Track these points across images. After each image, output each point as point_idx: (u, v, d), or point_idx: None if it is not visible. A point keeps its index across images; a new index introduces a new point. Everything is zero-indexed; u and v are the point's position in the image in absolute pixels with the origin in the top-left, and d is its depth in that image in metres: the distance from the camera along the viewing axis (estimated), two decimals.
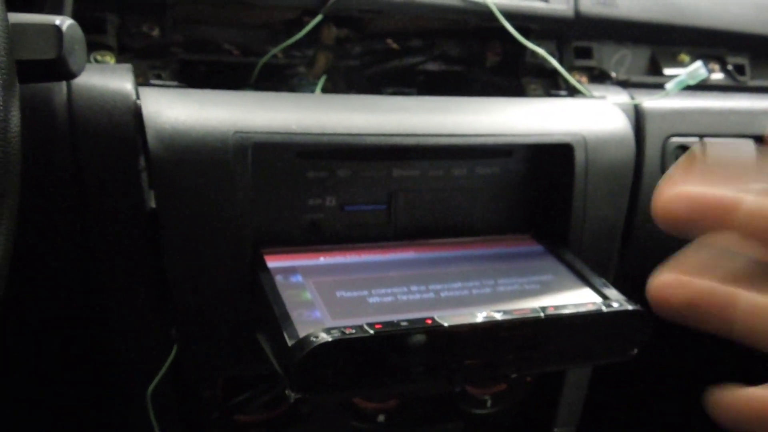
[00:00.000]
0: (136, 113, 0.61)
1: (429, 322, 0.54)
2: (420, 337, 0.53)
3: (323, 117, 0.64)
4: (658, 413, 1.31)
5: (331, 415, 0.81)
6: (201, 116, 0.61)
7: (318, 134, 0.63)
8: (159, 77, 0.74)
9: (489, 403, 0.87)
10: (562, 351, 0.60)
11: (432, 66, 0.92)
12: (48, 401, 0.83)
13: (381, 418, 0.83)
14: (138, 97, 0.62)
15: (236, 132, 0.60)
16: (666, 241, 0.89)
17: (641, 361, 0.64)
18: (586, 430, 0.93)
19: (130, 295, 0.65)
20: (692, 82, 0.81)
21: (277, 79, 0.84)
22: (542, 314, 0.57)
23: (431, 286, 0.63)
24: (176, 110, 0.61)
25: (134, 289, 0.65)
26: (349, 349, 0.51)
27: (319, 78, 0.84)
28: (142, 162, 0.62)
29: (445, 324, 0.54)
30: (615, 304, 0.61)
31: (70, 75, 0.49)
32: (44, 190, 0.60)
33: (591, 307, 0.60)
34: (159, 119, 0.60)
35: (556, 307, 0.59)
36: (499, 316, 0.56)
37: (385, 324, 0.53)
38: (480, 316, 0.56)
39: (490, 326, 0.56)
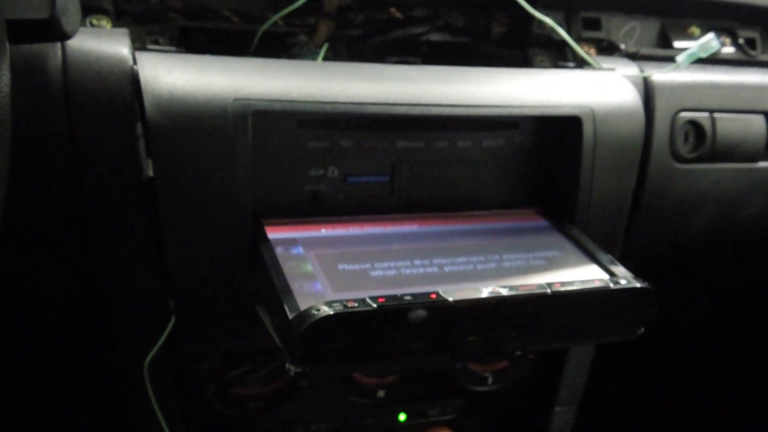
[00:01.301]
0: (133, 79, 0.59)
1: (433, 296, 0.53)
2: (424, 312, 0.52)
3: (326, 85, 0.63)
4: (661, 393, 1.30)
5: (331, 389, 0.80)
6: (200, 82, 0.59)
7: (320, 102, 0.61)
8: (157, 43, 0.72)
9: (490, 380, 0.86)
10: (567, 328, 0.59)
11: (436, 37, 0.90)
12: (44, 371, 0.82)
13: (381, 393, 0.82)
14: (135, 63, 0.60)
15: (236, 99, 0.58)
16: (673, 217, 0.88)
17: (645, 340, 0.63)
18: (588, 409, 0.93)
19: (126, 266, 0.64)
20: (704, 55, 0.79)
21: (277, 47, 0.82)
22: (548, 290, 0.56)
23: (435, 260, 0.62)
24: (174, 76, 0.59)
25: (131, 259, 0.64)
26: (351, 323, 0.50)
27: (320, 47, 0.81)
28: (139, 129, 0.60)
29: (450, 299, 0.53)
30: (623, 281, 0.59)
31: (63, 36, 0.47)
32: (39, 157, 0.59)
33: (598, 284, 0.59)
34: (156, 85, 0.58)
35: (563, 284, 0.57)
36: (504, 292, 0.55)
37: (389, 298, 0.52)
38: (485, 292, 0.55)
39: (496, 302, 0.55)
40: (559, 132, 0.73)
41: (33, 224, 0.61)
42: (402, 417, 0.85)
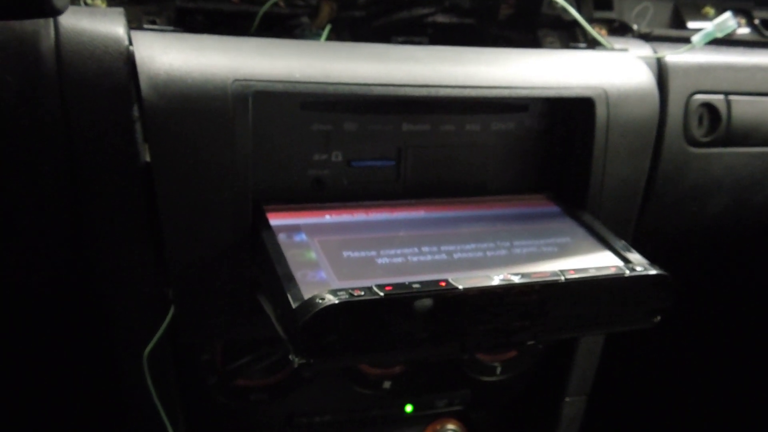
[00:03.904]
0: (129, 59, 0.57)
1: (442, 284, 0.51)
2: (432, 301, 0.50)
3: (329, 65, 0.60)
4: (673, 382, 1.28)
5: (335, 380, 0.78)
6: (198, 62, 0.56)
7: (323, 83, 0.59)
8: (153, 23, 0.70)
9: (499, 370, 0.84)
10: (582, 317, 0.57)
11: (442, 18, 0.88)
12: (41, 363, 0.80)
13: (386, 384, 0.80)
14: (131, 43, 0.58)
15: (236, 80, 0.56)
16: (686, 202, 0.85)
17: (657, 328, 0.61)
18: (598, 399, 0.91)
19: (124, 254, 0.62)
20: (720, 35, 0.76)
21: (278, 29, 0.80)
22: (562, 278, 0.54)
23: (443, 247, 0.60)
24: (171, 56, 0.56)
25: (128, 247, 0.61)
26: (358, 312, 0.48)
27: (322, 29, 0.79)
28: (135, 112, 0.58)
29: (460, 287, 0.51)
30: (639, 268, 0.57)
31: (52, 11, 0.44)
32: (31, 141, 0.57)
33: (613, 271, 0.56)
34: (153, 65, 0.55)
35: (577, 271, 0.55)
36: (516, 280, 0.53)
37: (396, 286, 0.49)
38: (496, 279, 0.52)
39: (507, 290, 0.52)
40: (571, 114, 0.70)
41: (26, 211, 0.59)
42: (408, 408, 0.84)
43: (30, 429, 0.91)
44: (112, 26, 0.58)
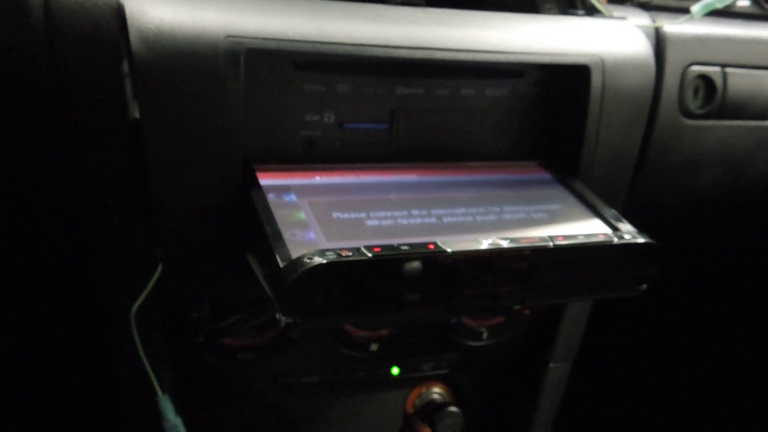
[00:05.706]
0: (119, 12, 0.56)
1: (431, 247, 0.51)
2: (420, 263, 0.50)
3: (323, 24, 0.59)
4: (658, 350, 1.30)
5: (323, 341, 0.79)
6: (190, 17, 0.55)
7: (317, 42, 0.58)
8: None
9: (485, 336, 0.85)
10: (568, 283, 0.57)
11: None
12: (27, 319, 0.80)
13: (374, 347, 0.81)
14: None
15: (228, 36, 0.55)
16: (678, 174, 0.85)
17: (644, 297, 0.61)
18: (582, 366, 0.92)
19: (112, 211, 0.61)
20: (719, 6, 0.76)
21: None
22: (550, 243, 0.54)
23: (433, 211, 0.59)
24: (162, 9, 0.55)
25: (116, 204, 0.61)
26: (345, 273, 0.48)
27: None
28: (125, 68, 0.57)
29: (448, 250, 0.51)
30: (627, 236, 0.57)
31: None
32: (19, 97, 0.56)
33: (602, 238, 0.57)
34: (143, 18, 0.54)
35: (565, 237, 0.55)
36: (505, 244, 0.53)
37: (384, 247, 0.49)
38: (485, 243, 0.52)
39: (496, 254, 0.53)
40: (566, 82, 0.70)
41: (12, 166, 0.58)
42: (395, 371, 0.84)
43: (19, 386, 0.91)
44: None
